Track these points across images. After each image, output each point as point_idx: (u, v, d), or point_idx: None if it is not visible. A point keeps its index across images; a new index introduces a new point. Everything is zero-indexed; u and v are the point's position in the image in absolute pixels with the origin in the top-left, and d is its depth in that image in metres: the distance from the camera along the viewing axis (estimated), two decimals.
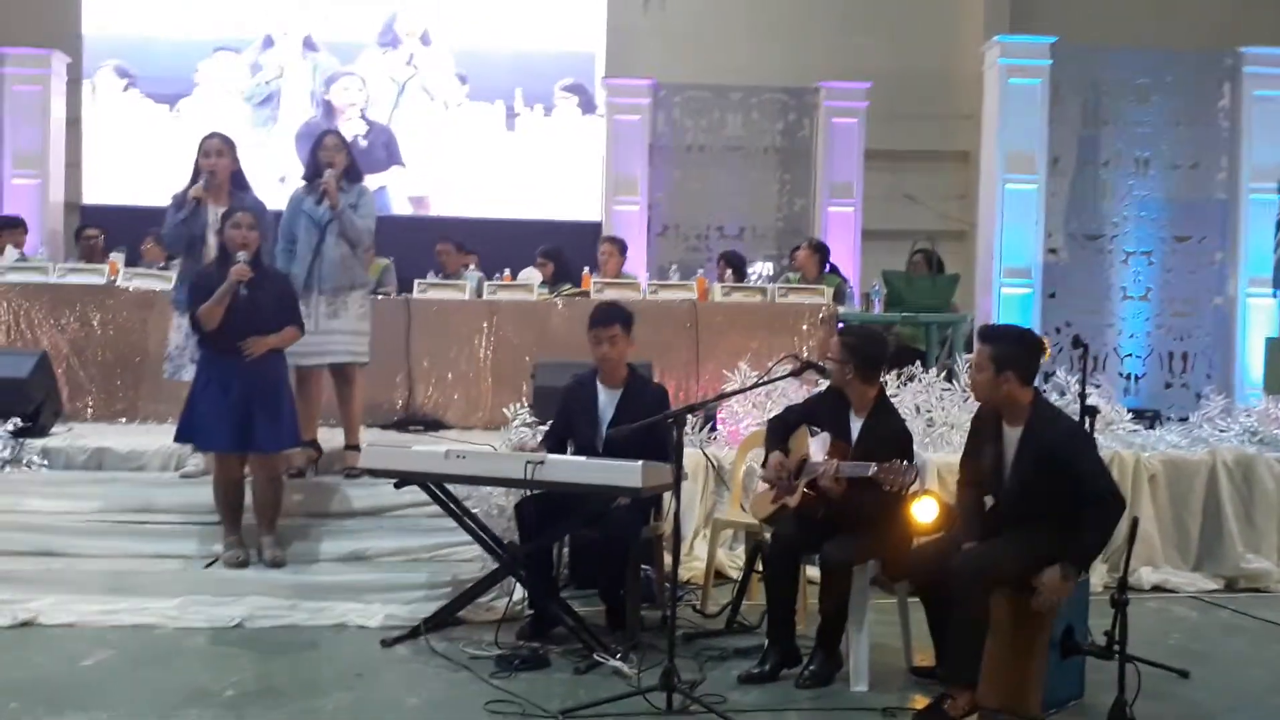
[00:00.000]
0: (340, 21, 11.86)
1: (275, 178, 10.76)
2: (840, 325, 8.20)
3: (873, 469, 4.72)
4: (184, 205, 6.17)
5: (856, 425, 5.07)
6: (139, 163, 11.48)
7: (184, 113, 11.66)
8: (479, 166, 11.83)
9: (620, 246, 9.18)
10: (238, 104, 11.71)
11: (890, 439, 4.96)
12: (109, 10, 11.74)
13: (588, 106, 11.91)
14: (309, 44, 11.83)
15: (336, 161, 6.35)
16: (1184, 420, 7.90)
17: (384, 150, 11.75)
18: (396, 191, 11.75)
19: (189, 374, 6.13)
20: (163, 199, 6.41)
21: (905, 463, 4.70)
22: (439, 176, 11.90)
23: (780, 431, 5.22)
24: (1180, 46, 10.53)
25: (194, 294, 5.74)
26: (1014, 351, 4.63)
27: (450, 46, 11.94)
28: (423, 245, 9.68)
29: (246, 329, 5.65)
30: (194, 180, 6.25)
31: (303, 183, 6.52)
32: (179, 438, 5.92)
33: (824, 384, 5.68)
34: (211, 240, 6.09)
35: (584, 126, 11.88)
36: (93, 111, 11.70)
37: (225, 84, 11.79)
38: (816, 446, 5.01)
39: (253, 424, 5.64)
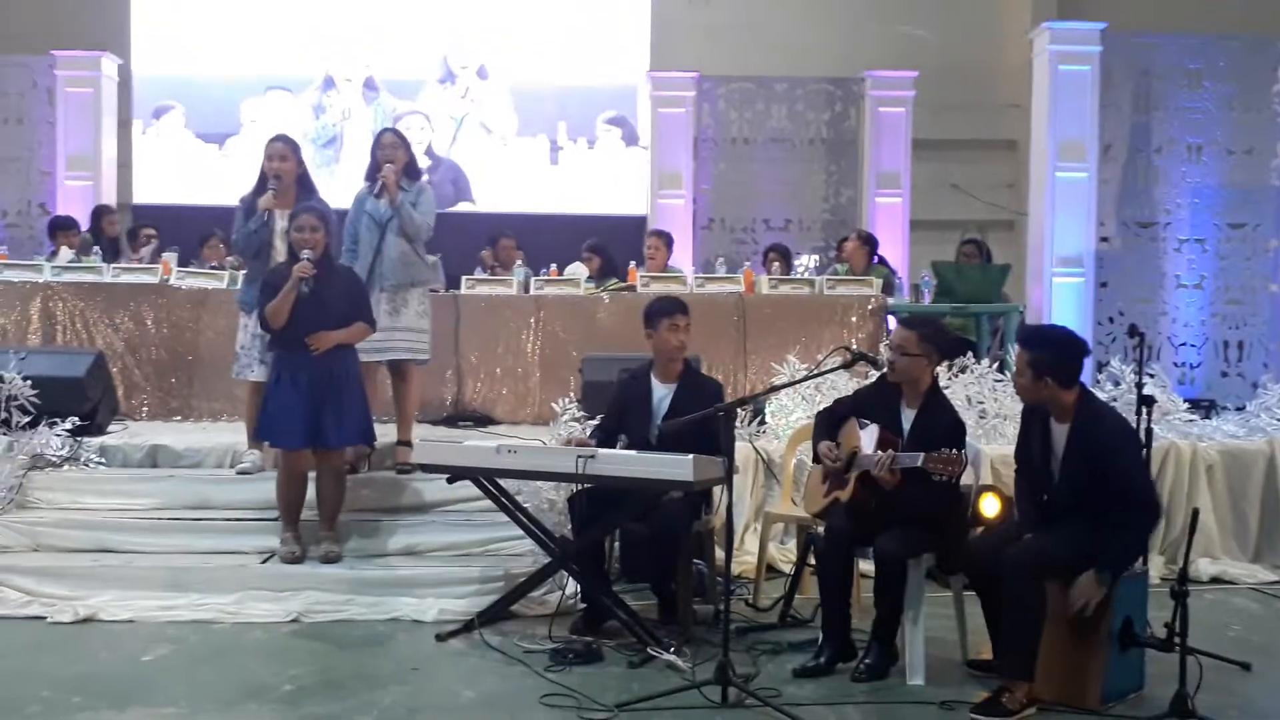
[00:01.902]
0: (399, 59, 11.81)
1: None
2: (892, 317, 8.15)
3: (921, 459, 4.69)
4: (253, 214, 6.25)
5: (908, 416, 5.04)
6: (188, 173, 11.58)
7: (232, 152, 11.59)
8: (526, 200, 11.77)
9: (667, 240, 9.18)
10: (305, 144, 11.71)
11: (944, 430, 4.92)
12: (160, 50, 11.73)
13: (630, 139, 11.92)
14: (370, 85, 11.82)
15: (395, 159, 6.41)
16: (1241, 409, 7.79)
17: (451, 186, 11.68)
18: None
19: (255, 374, 6.24)
20: (213, 199, 6.47)
21: (954, 451, 4.66)
22: (491, 209, 11.82)
23: (829, 424, 5.19)
24: (1231, 31, 10.37)
25: (264, 293, 5.83)
26: (1051, 357, 4.60)
27: (507, 81, 11.94)
28: (469, 243, 9.71)
29: (313, 325, 5.72)
30: (260, 186, 6.32)
31: (365, 183, 6.58)
32: (259, 436, 6.10)
33: (874, 376, 5.64)
34: (279, 245, 6.19)
35: (627, 159, 11.87)
36: (143, 148, 11.75)
37: (281, 124, 11.79)
38: (866, 439, 4.97)
39: (322, 420, 5.72)
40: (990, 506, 5.04)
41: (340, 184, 11.40)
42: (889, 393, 5.12)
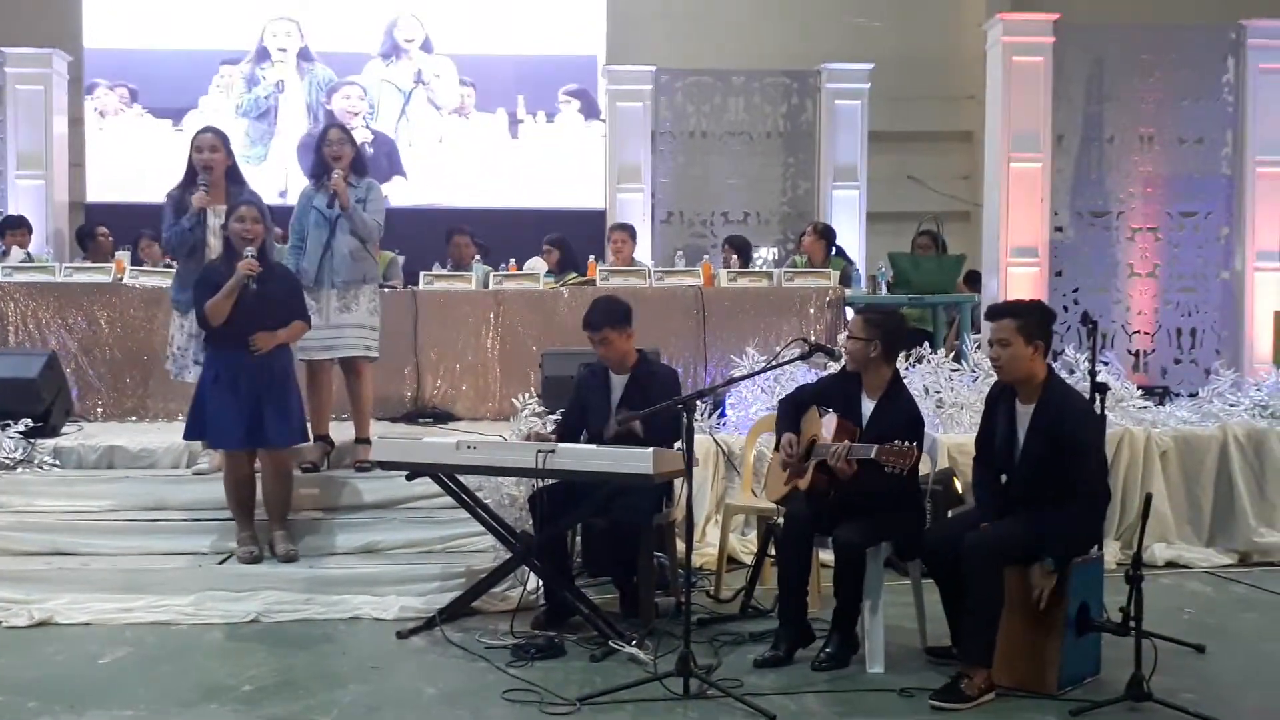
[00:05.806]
0: (339, 32, 11.72)
1: (275, 191, 10.81)
2: (850, 308, 8.19)
3: (874, 450, 4.72)
4: (183, 209, 6.13)
5: (868, 407, 5.06)
6: (142, 167, 11.42)
7: (189, 129, 11.51)
8: (484, 174, 11.77)
9: (632, 233, 9.20)
10: (238, 118, 11.66)
11: (901, 421, 4.94)
12: (110, 26, 11.68)
13: (590, 111, 11.90)
14: (305, 55, 11.72)
15: (343, 155, 6.33)
16: (1194, 396, 7.88)
17: (385, 160, 11.62)
18: (400, 201, 11.60)
19: (192, 375, 6.14)
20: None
21: (906, 443, 4.69)
22: (446, 186, 11.82)
23: (792, 411, 5.21)
24: (1183, 21, 10.49)
25: (200, 290, 5.72)
26: (1038, 321, 4.69)
27: (453, 54, 11.90)
28: (427, 238, 9.67)
29: (254, 324, 5.64)
30: (189, 178, 6.22)
31: (310, 180, 6.51)
32: (189, 435, 5.94)
33: (834, 366, 5.68)
34: (213, 242, 6.08)
35: (587, 131, 11.87)
36: (95, 128, 11.68)
37: (227, 97, 11.73)
38: (826, 426, 5.00)
39: (263, 420, 5.65)
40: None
41: (275, 157, 11.45)
42: (851, 382, 5.13)
